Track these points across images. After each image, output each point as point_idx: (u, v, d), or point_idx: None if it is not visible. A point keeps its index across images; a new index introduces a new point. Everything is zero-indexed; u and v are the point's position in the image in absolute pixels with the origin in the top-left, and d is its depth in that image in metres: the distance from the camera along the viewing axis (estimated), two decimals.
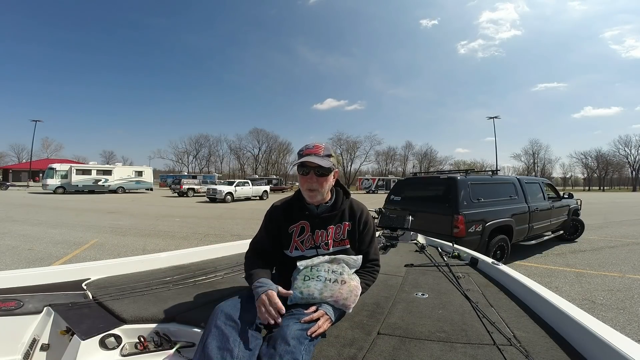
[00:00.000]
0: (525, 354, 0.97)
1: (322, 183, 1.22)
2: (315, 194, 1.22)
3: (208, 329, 0.96)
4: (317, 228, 1.27)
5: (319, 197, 1.24)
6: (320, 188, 1.22)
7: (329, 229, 1.27)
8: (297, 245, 1.27)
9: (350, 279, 1.18)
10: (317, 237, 1.26)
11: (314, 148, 1.22)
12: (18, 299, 1.30)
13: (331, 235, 1.27)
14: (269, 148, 65.16)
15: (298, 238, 1.27)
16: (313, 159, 1.18)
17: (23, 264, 4.62)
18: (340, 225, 1.29)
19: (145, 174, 29.43)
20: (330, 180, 1.25)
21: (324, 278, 1.15)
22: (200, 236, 7.31)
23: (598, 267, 4.85)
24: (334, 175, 1.27)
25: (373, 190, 40.89)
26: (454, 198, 4.40)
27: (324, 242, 1.26)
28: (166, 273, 1.76)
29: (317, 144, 1.24)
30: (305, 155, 1.21)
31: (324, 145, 1.25)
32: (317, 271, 1.18)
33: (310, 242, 1.26)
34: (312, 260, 1.21)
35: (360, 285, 1.21)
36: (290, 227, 1.29)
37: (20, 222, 8.57)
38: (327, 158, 1.21)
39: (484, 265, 1.95)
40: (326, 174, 1.22)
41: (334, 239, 1.27)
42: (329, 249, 1.26)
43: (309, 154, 1.21)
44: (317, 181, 1.21)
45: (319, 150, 1.22)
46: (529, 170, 64.52)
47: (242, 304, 1.05)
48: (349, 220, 1.30)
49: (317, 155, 1.20)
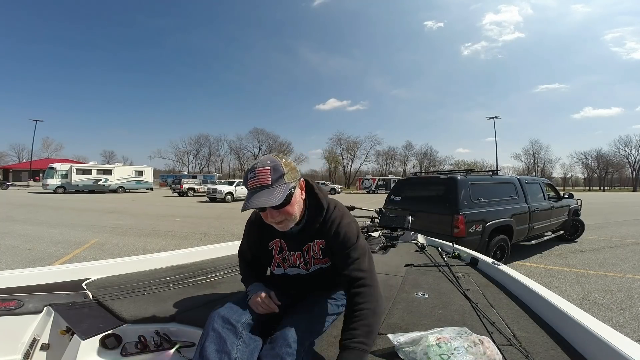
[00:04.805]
0: (525, 354, 0.97)
1: (287, 211, 1.00)
2: (284, 224, 1.03)
3: (205, 332, 0.95)
4: (292, 250, 1.16)
5: (290, 225, 1.05)
6: (288, 216, 1.01)
7: (306, 248, 1.14)
8: (279, 262, 1.19)
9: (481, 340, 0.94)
10: (294, 258, 1.16)
11: (258, 177, 0.96)
12: (18, 299, 1.30)
13: (310, 253, 1.15)
14: (269, 148, 65.07)
15: (279, 255, 1.18)
16: (258, 201, 0.94)
17: (23, 264, 4.61)
18: (314, 244, 1.13)
19: (145, 174, 29.41)
20: (297, 201, 1.03)
21: (463, 348, 0.90)
22: (200, 236, 7.31)
23: (598, 267, 4.85)
24: (300, 188, 1.06)
25: (373, 190, 40.87)
26: (454, 198, 4.39)
27: (304, 261, 1.16)
28: (166, 273, 1.76)
29: (260, 169, 0.96)
30: (250, 191, 0.97)
31: (270, 165, 0.97)
32: (445, 344, 0.91)
33: (290, 261, 1.18)
34: (409, 335, 0.97)
35: (363, 313, 0.95)
36: (269, 243, 1.18)
37: (20, 222, 8.57)
38: (280, 181, 0.96)
39: (484, 265, 1.95)
40: (287, 202, 0.99)
41: (314, 257, 1.15)
42: (309, 268, 1.17)
43: (253, 187, 0.96)
44: (280, 213, 1.00)
45: (265, 177, 0.95)
46: (529, 170, 64.50)
47: (240, 307, 1.04)
48: (320, 237, 1.11)
49: (264, 186, 0.95)
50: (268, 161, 0.98)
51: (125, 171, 28.41)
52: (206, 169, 63.58)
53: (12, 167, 46.29)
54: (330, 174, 65.17)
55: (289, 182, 0.99)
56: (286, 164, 1.00)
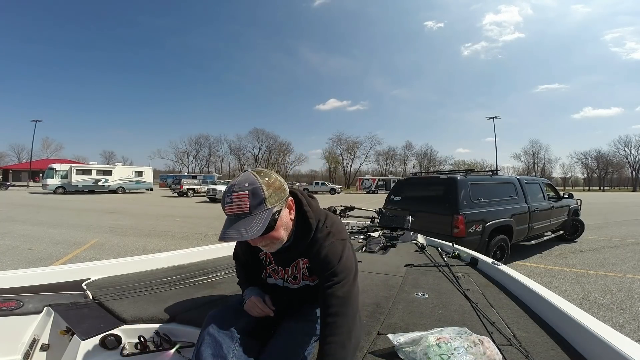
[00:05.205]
0: (525, 354, 0.97)
1: (272, 236, 0.92)
2: (270, 247, 0.97)
3: (201, 336, 0.94)
4: (280, 265, 1.12)
5: (278, 246, 0.98)
6: (275, 240, 0.94)
7: (294, 264, 1.10)
8: (270, 273, 1.16)
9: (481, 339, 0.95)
10: (281, 273, 1.13)
11: (235, 203, 0.85)
12: (18, 299, 1.30)
13: (299, 269, 1.10)
14: (269, 148, 65.35)
15: (269, 267, 1.15)
16: (234, 233, 0.84)
17: (23, 264, 4.61)
18: (300, 262, 1.08)
19: (145, 174, 29.39)
20: (283, 224, 0.94)
21: (463, 349, 0.90)
22: (200, 236, 7.31)
23: (598, 267, 4.85)
24: (289, 207, 0.97)
25: (373, 190, 40.88)
26: (453, 198, 4.40)
27: (292, 276, 1.12)
28: (166, 273, 1.76)
29: (237, 194, 0.85)
30: (227, 218, 0.87)
31: (248, 188, 0.85)
32: (445, 344, 0.91)
33: (279, 275, 1.14)
34: (408, 336, 0.97)
35: (331, 347, 0.84)
36: (260, 253, 1.15)
37: (20, 222, 8.56)
38: (260, 207, 0.86)
39: (484, 265, 1.95)
40: (271, 227, 0.90)
41: (302, 273, 1.10)
42: (298, 283, 1.12)
43: (230, 214, 0.86)
44: (263, 239, 0.92)
45: (243, 204, 0.84)
46: (529, 170, 64.52)
47: (235, 311, 1.03)
48: (305, 256, 1.05)
49: (242, 216, 0.85)
50: (246, 183, 0.86)
51: (125, 171, 28.39)
52: (206, 169, 63.61)
53: (11, 167, 46.28)
54: (330, 174, 65.16)
55: (272, 206, 0.88)
56: (269, 185, 0.88)
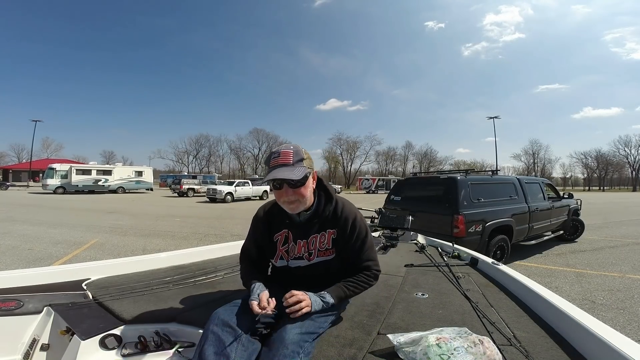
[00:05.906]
0: (525, 354, 0.97)
1: (301, 192, 1.09)
2: (296, 205, 1.12)
3: (205, 334, 0.95)
4: (299, 238, 1.19)
5: (301, 207, 1.13)
6: (301, 197, 1.11)
7: (312, 238, 1.19)
8: (282, 254, 1.22)
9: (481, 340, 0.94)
10: (299, 247, 1.19)
11: (282, 156, 1.08)
12: (18, 299, 1.30)
13: (316, 244, 1.19)
14: (269, 148, 65.18)
15: (282, 247, 1.22)
16: (281, 174, 1.04)
17: (23, 264, 4.61)
18: (325, 234, 1.19)
19: (145, 174, 29.40)
20: (309, 186, 1.13)
21: (463, 349, 0.90)
22: (200, 236, 7.31)
23: (598, 267, 4.85)
24: (313, 177, 1.16)
25: (373, 190, 40.88)
26: (453, 198, 4.39)
27: (307, 252, 1.19)
28: (166, 273, 1.76)
29: (284, 150, 1.10)
30: (273, 168, 1.07)
31: (293, 149, 1.10)
32: (445, 344, 0.91)
33: (294, 252, 1.20)
34: (409, 336, 0.99)
35: (346, 285, 1.13)
36: (275, 235, 1.23)
37: (20, 222, 8.56)
38: (300, 164, 1.08)
39: (484, 265, 1.95)
40: (302, 183, 1.09)
41: (318, 249, 1.19)
42: (312, 259, 1.19)
43: (276, 165, 1.07)
44: (294, 193, 1.09)
45: (288, 157, 1.08)
46: (529, 170, 64.54)
47: (239, 309, 1.04)
48: (333, 227, 1.19)
49: (286, 165, 1.06)
50: (291, 146, 1.12)
51: (125, 171, 28.40)
52: (206, 169, 63.67)
53: (11, 167, 46.27)
54: (330, 174, 65.12)
55: (307, 167, 1.10)
56: (306, 153, 1.13)
